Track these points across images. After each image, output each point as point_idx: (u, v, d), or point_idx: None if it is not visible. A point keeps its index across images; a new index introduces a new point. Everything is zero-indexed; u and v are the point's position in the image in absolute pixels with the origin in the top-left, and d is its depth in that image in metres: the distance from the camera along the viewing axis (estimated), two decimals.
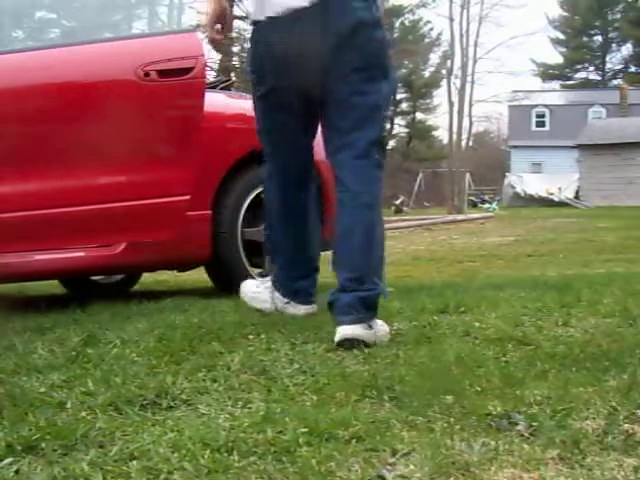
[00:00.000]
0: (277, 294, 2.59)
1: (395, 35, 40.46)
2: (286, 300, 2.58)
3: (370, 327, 2.16)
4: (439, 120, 56.16)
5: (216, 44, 2.51)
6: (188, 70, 2.97)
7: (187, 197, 2.98)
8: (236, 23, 27.54)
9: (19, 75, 2.86)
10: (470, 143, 35.01)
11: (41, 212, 2.81)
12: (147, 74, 2.90)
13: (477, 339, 2.20)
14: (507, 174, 31.36)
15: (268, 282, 2.66)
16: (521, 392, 1.66)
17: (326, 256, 4.24)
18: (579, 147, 28.46)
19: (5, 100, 2.80)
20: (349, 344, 2.10)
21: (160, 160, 2.99)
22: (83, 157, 2.88)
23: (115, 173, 2.92)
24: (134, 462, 1.32)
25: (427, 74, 42.45)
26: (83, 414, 1.57)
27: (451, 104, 27.43)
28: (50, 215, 2.83)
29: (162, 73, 2.92)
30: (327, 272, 2.54)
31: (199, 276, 4.12)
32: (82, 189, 2.86)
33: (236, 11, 26.65)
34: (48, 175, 2.82)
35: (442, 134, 44.22)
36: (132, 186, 2.92)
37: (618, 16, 45.67)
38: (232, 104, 3.91)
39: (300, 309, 2.57)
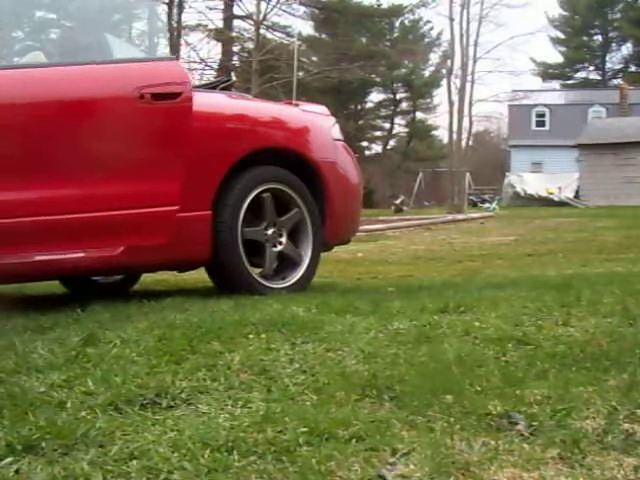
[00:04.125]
0: None
1: (395, 35, 40.52)
2: None
3: None
4: (439, 120, 56.27)
5: None
6: (177, 95, 3.24)
7: (176, 207, 3.20)
8: (236, 23, 27.60)
9: (29, 89, 3.05)
10: (470, 143, 35.00)
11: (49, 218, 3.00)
12: (142, 96, 3.15)
13: (477, 339, 2.20)
14: (507, 173, 31.33)
15: None
16: (521, 392, 1.66)
17: (326, 256, 4.25)
18: (579, 147, 28.43)
19: (15, 113, 2.97)
20: None
21: (151, 173, 3.21)
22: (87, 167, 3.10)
23: (112, 184, 3.12)
24: (134, 462, 1.32)
25: (427, 74, 42.43)
26: (83, 414, 1.57)
27: (451, 104, 27.47)
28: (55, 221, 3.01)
29: (156, 96, 3.19)
30: (326, 272, 2.53)
31: (199, 276, 4.12)
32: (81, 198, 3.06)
33: (236, 11, 26.70)
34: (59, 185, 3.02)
35: (442, 134, 44.31)
36: (122, 196, 3.12)
37: (618, 15, 45.62)
38: (232, 104, 3.91)
39: None
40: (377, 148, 46.03)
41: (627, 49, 46.57)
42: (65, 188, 3.02)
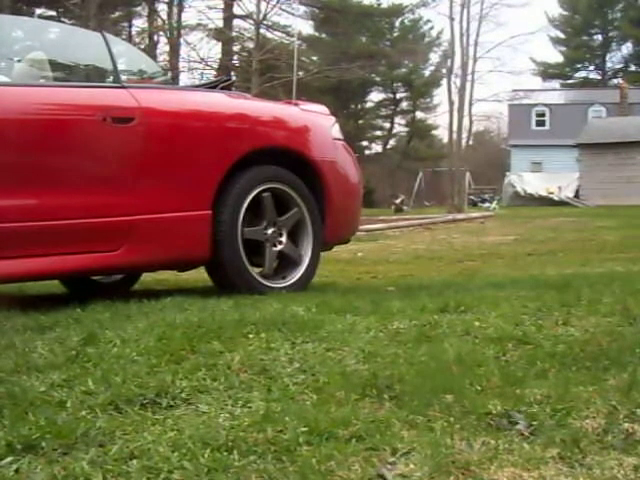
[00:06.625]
0: None
1: (395, 34, 40.51)
2: None
3: None
4: (439, 119, 56.17)
5: None
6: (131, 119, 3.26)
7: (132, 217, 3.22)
8: (236, 22, 27.59)
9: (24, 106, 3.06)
10: (470, 142, 35.02)
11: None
12: (104, 119, 3.19)
13: (477, 338, 2.20)
14: (507, 173, 31.34)
15: None
16: (521, 391, 1.66)
17: (326, 256, 4.25)
18: (579, 146, 28.42)
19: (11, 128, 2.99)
20: None
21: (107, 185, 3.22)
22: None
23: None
24: (134, 461, 1.32)
25: (427, 73, 42.44)
26: (83, 413, 1.57)
27: (451, 103, 27.40)
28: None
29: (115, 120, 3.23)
30: (326, 272, 2.53)
31: (199, 276, 4.12)
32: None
33: (236, 10, 26.70)
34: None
35: (442, 133, 44.22)
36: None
37: (618, 15, 45.61)
38: (232, 104, 3.91)
39: None
40: (377, 148, 46.09)
41: (627, 49, 46.61)
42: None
